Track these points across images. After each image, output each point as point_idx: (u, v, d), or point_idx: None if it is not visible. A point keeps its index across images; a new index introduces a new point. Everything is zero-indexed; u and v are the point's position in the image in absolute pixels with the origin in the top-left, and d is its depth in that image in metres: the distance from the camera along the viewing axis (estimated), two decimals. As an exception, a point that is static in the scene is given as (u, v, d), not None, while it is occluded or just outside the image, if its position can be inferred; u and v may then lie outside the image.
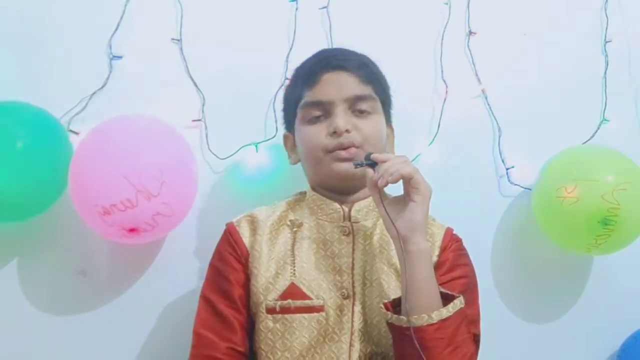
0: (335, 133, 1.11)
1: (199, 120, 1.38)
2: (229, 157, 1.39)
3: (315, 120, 1.14)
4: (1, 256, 1.34)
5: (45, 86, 1.34)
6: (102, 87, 1.35)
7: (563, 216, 1.35)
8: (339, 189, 1.16)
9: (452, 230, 1.20)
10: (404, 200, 1.05)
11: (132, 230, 1.19)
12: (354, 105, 1.13)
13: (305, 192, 1.22)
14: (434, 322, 0.97)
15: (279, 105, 1.36)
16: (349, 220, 1.15)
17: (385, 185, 1.04)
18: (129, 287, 1.36)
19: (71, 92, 1.33)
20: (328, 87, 1.13)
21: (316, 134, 1.13)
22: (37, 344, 1.33)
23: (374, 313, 1.09)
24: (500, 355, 1.47)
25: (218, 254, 1.17)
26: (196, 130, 1.39)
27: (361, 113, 1.14)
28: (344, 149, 1.11)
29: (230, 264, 1.13)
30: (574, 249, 1.43)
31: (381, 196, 1.05)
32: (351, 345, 1.08)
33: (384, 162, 1.05)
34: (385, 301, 1.04)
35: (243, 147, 1.39)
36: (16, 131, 1.18)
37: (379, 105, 1.17)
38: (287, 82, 1.23)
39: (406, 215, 1.02)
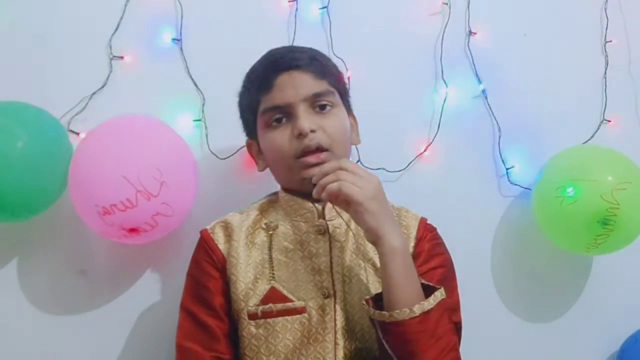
0: (300, 135, 1.09)
1: (199, 120, 1.38)
2: (229, 157, 1.39)
3: (277, 124, 1.12)
4: (1, 256, 1.33)
5: (45, 86, 1.33)
6: (102, 87, 1.35)
7: (562, 216, 1.35)
8: (311, 191, 1.14)
9: (426, 220, 1.20)
10: None
11: (132, 230, 1.19)
12: (314, 102, 1.11)
13: (277, 193, 1.21)
14: (416, 315, 0.97)
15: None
16: (324, 218, 1.14)
17: (334, 198, 1.04)
18: (129, 287, 1.36)
19: (71, 92, 1.33)
20: (284, 90, 1.10)
21: (281, 139, 1.11)
22: (37, 344, 1.33)
23: (356, 309, 1.09)
24: (501, 355, 1.48)
25: (195, 263, 1.15)
26: (196, 130, 1.39)
27: (322, 109, 1.12)
28: (312, 152, 1.09)
29: (208, 272, 1.12)
30: (574, 249, 1.43)
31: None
32: (336, 343, 1.07)
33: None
34: (367, 297, 1.04)
35: (243, 147, 1.38)
36: (16, 131, 1.18)
37: (337, 97, 1.15)
38: (240, 89, 1.21)
39: (362, 224, 1.02)
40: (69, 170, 1.21)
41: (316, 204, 1.14)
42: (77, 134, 1.32)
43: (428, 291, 1.02)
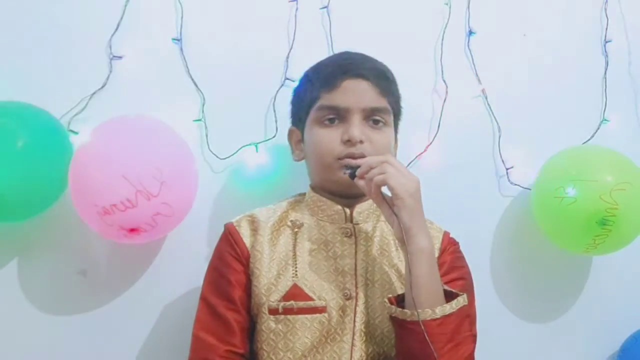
0: (349, 141, 1.11)
1: (199, 120, 1.38)
2: (229, 157, 1.39)
3: (329, 124, 1.14)
4: (1, 256, 1.33)
5: (45, 86, 1.33)
6: (102, 87, 1.34)
7: (562, 216, 1.35)
8: (342, 194, 1.16)
9: (449, 233, 1.22)
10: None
11: (132, 230, 1.19)
12: (370, 116, 1.14)
13: (305, 194, 1.22)
14: (437, 317, 0.99)
15: (279, 105, 1.36)
16: (351, 222, 1.15)
17: (377, 190, 1.05)
18: (129, 287, 1.36)
19: (71, 92, 1.33)
20: (347, 94, 1.13)
21: (329, 139, 1.13)
22: (37, 344, 1.33)
23: (377, 313, 1.10)
24: (501, 355, 1.47)
25: (218, 255, 1.16)
26: (196, 130, 1.39)
27: (375, 124, 1.14)
28: (354, 158, 1.11)
29: (230, 265, 1.13)
30: (572, 249, 1.43)
31: (384, 200, 1.06)
32: (353, 345, 1.08)
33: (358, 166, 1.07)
34: (390, 296, 1.06)
35: (243, 147, 1.39)
36: (16, 131, 1.18)
37: (391, 117, 1.18)
38: (301, 78, 1.22)
39: (397, 219, 1.04)
40: (69, 170, 1.21)
41: (345, 207, 1.16)
42: (77, 133, 1.32)
43: (450, 297, 1.03)
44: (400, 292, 1.09)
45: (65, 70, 1.35)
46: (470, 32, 1.49)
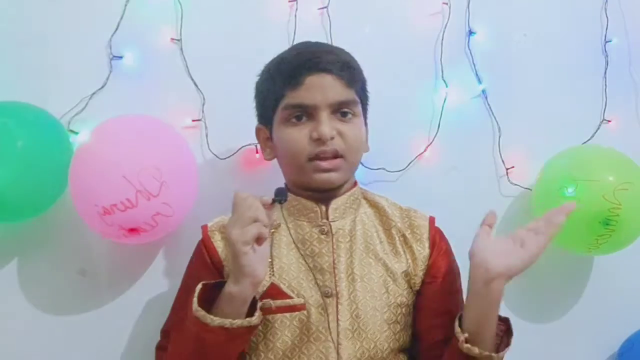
0: (319, 140, 1.09)
1: (199, 120, 1.38)
2: (229, 157, 1.39)
3: (296, 122, 1.11)
4: (1, 256, 1.34)
5: (45, 86, 1.33)
6: (102, 87, 1.34)
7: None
8: (318, 190, 1.15)
9: (434, 219, 1.21)
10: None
11: (132, 230, 1.19)
12: (338, 109, 1.12)
13: None
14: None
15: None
16: (327, 219, 1.14)
17: None
18: (129, 287, 1.36)
19: (71, 92, 1.33)
20: (312, 91, 1.10)
21: (299, 139, 1.10)
22: (37, 344, 1.33)
23: (368, 307, 1.10)
24: (500, 355, 1.47)
25: (193, 271, 1.16)
26: (196, 130, 1.39)
27: (344, 116, 1.12)
28: (326, 158, 1.10)
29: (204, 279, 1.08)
30: (575, 249, 1.43)
31: None
32: (339, 344, 1.07)
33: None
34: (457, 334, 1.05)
35: (243, 147, 1.39)
36: (16, 131, 1.18)
37: (360, 107, 1.16)
38: (263, 73, 1.20)
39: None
40: (69, 170, 1.21)
41: (320, 204, 1.15)
42: (77, 133, 1.32)
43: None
44: (389, 285, 1.11)
45: (65, 70, 1.35)
46: (470, 32, 1.49)
